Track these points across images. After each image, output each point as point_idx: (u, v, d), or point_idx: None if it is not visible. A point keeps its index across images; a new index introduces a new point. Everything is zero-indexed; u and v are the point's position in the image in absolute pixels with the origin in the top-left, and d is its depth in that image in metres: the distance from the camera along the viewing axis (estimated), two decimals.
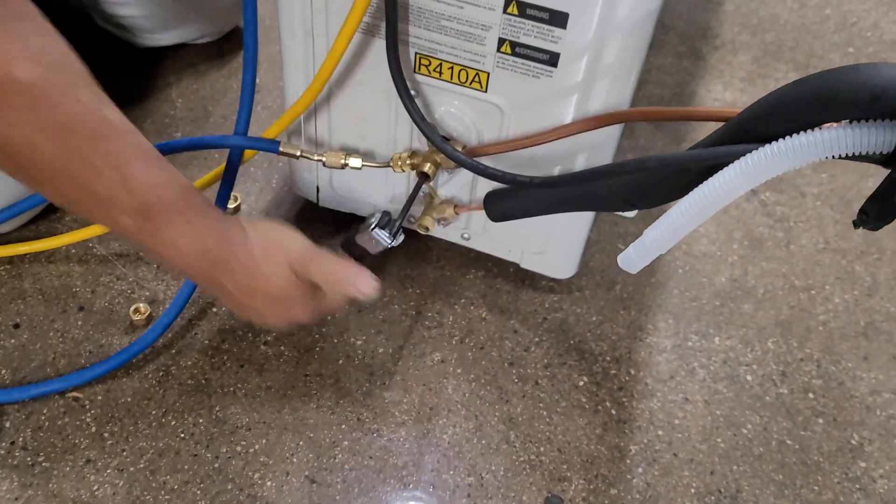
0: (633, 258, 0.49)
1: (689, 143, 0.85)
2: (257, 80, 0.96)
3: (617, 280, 0.80)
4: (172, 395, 0.68)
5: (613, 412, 0.70)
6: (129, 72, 0.94)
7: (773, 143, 0.42)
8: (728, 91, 1.03)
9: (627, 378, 0.73)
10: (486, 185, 0.66)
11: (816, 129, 0.41)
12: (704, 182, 0.44)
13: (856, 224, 0.43)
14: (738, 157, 0.43)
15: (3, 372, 0.68)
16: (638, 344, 0.75)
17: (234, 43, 0.99)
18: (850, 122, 0.40)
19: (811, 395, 0.73)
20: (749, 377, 0.74)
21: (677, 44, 1.09)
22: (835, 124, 0.41)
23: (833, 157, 0.41)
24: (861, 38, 1.13)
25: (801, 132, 0.41)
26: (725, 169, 0.43)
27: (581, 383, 0.72)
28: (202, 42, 0.96)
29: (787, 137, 0.41)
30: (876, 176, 0.42)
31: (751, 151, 0.43)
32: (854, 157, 0.42)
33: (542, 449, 0.67)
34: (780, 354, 0.76)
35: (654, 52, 1.07)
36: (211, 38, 0.96)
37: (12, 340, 0.70)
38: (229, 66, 0.98)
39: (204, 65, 0.97)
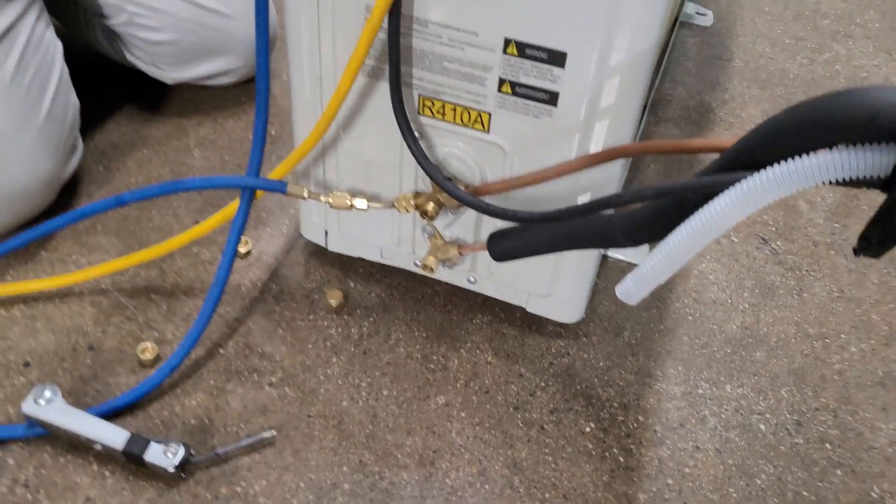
0: (631, 289, 0.48)
1: None
2: (273, 132, 0.99)
3: (625, 326, 0.79)
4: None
5: (621, 459, 0.68)
6: (153, 118, 0.98)
7: (766, 169, 0.42)
8: None
9: (636, 425, 0.71)
10: (490, 228, 0.67)
11: (812, 153, 0.41)
12: (699, 210, 0.44)
13: (856, 251, 0.43)
14: (732, 185, 0.43)
15: (10, 409, 0.68)
16: (646, 390, 0.74)
17: (254, 94, 1.02)
18: (847, 146, 0.40)
19: (828, 446, 0.71)
20: (762, 426, 0.72)
21: (686, 97, 1.10)
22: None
23: (830, 182, 0.41)
24: None
25: (796, 157, 0.41)
26: (719, 196, 0.43)
27: (588, 429, 0.70)
28: (226, 83, 0.98)
29: (781, 163, 0.41)
30: None
31: (744, 178, 0.42)
32: (851, 183, 0.41)
33: (546, 495, 0.65)
34: (795, 403, 0.74)
35: (662, 105, 1.08)
36: (234, 79, 0.98)
37: (21, 378, 0.71)
38: (247, 118, 1.01)
39: (222, 115, 1.00)
